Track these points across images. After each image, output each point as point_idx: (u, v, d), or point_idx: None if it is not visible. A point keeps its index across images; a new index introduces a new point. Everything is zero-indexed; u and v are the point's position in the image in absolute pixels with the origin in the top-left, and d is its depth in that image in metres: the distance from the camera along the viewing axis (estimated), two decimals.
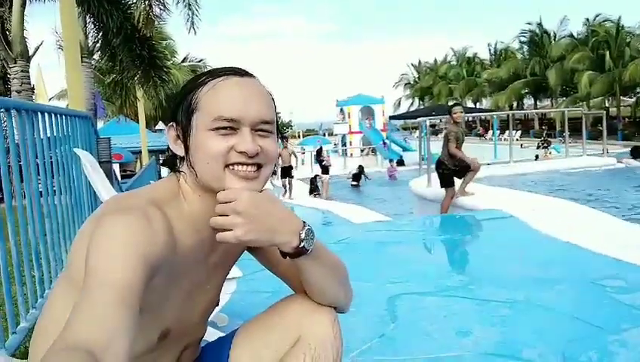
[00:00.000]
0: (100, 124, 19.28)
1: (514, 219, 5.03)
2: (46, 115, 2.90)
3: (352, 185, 17.10)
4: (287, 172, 13.53)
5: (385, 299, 2.89)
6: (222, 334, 1.32)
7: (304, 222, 1.03)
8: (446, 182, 6.65)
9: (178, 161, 1.05)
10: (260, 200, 0.97)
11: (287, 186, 13.40)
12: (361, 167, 17.82)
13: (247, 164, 0.98)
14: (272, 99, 1.05)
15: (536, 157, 16.34)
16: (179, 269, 0.99)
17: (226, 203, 0.96)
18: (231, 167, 0.98)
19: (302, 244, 1.00)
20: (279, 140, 1.07)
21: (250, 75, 1.04)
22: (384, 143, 28.66)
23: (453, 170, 6.60)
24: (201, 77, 1.03)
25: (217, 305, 1.20)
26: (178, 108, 1.02)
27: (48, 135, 2.90)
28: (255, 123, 0.99)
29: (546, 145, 22.98)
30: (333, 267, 1.12)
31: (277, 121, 1.06)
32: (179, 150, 1.02)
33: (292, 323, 1.12)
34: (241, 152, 0.97)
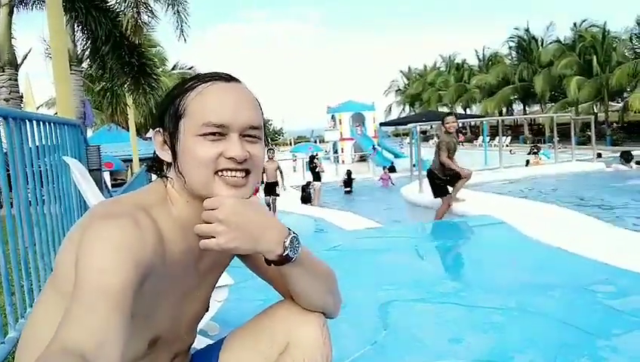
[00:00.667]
0: (89, 132, 19.19)
1: (504, 225, 5.04)
2: (34, 122, 2.88)
3: (345, 191, 17.02)
4: (271, 189, 11.79)
5: (377, 306, 2.89)
6: (211, 342, 1.31)
7: (289, 230, 1.02)
8: (440, 192, 6.69)
9: (165, 166, 1.04)
10: (242, 208, 0.96)
11: (272, 205, 11.65)
12: (349, 172, 17.76)
13: (236, 170, 0.98)
14: (259, 104, 1.05)
15: (527, 162, 16.45)
16: (168, 274, 0.98)
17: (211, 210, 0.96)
18: (220, 173, 0.98)
19: (286, 253, 1.00)
20: (265, 152, 1.06)
21: (237, 80, 1.04)
22: (374, 148, 28.73)
23: (444, 179, 6.62)
24: (188, 82, 1.02)
25: (207, 310, 1.19)
26: (165, 114, 1.01)
27: (37, 143, 2.88)
28: (243, 128, 0.99)
29: (535, 150, 23.15)
30: (320, 274, 1.12)
31: (264, 127, 1.06)
32: (166, 156, 1.02)
33: (281, 329, 1.12)
34: (229, 158, 0.97)
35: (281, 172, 12.17)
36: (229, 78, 1.03)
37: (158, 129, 1.03)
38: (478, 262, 4.05)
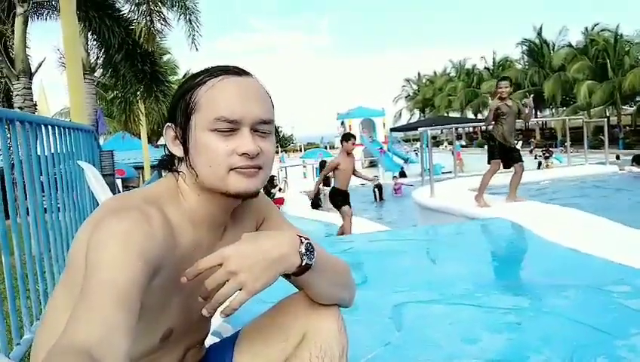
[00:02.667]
0: (101, 140, 19.33)
1: (517, 227, 5.01)
2: (50, 127, 2.92)
3: (375, 200, 15.28)
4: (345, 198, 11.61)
5: (390, 307, 2.88)
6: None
7: (300, 237, 1.01)
8: (490, 155, 6.59)
9: (176, 161, 1.05)
10: (246, 245, 0.94)
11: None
12: (377, 182, 15.41)
13: (249, 167, 0.98)
14: (270, 98, 1.05)
15: (539, 164, 16.31)
16: (179, 268, 0.98)
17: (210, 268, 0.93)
18: (233, 169, 0.98)
19: (304, 262, 0.99)
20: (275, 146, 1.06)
21: (248, 74, 1.04)
22: (381, 150, 28.70)
23: (500, 144, 6.46)
24: (198, 76, 1.02)
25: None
26: (176, 108, 1.01)
27: (52, 148, 2.92)
28: (255, 123, 0.99)
29: (547, 155, 22.97)
30: (337, 272, 1.12)
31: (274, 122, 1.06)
32: (177, 150, 1.02)
33: (296, 321, 1.11)
34: (242, 154, 0.97)
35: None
36: (240, 72, 1.02)
37: (169, 124, 1.03)
38: (491, 263, 4.03)
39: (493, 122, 6.49)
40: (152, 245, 0.88)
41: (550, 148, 25.01)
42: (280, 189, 16.91)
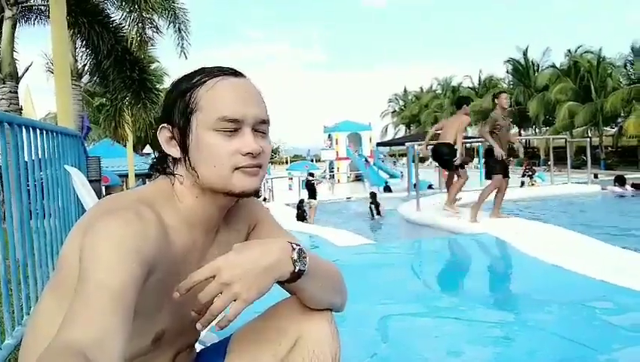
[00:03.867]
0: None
1: (501, 242, 5.06)
2: (37, 130, 2.90)
3: (372, 217, 13.67)
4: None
5: (376, 320, 2.88)
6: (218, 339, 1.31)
7: (291, 243, 1.01)
8: (491, 170, 6.48)
9: (171, 163, 1.04)
10: (236, 255, 0.94)
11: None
12: (373, 194, 14.29)
13: (252, 166, 1.00)
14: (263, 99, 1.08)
15: (522, 183, 16.48)
16: (172, 270, 0.98)
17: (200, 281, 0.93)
18: (237, 169, 0.99)
19: (297, 268, 0.99)
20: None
21: (244, 76, 1.05)
22: (366, 161, 28.84)
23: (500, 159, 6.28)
24: (196, 75, 1.02)
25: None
26: (173, 109, 1.01)
27: (39, 151, 2.89)
28: (255, 123, 1.01)
29: (530, 173, 23.21)
30: (329, 277, 1.12)
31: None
32: (174, 151, 1.02)
33: (289, 326, 1.11)
34: (246, 154, 0.98)
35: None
36: (237, 73, 1.04)
37: (164, 124, 1.02)
38: (476, 278, 4.05)
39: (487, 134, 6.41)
40: (146, 246, 0.87)
41: (533, 167, 25.30)
42: (265, 199, 16.79)
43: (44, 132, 3.05)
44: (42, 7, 11.54)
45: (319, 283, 1.07)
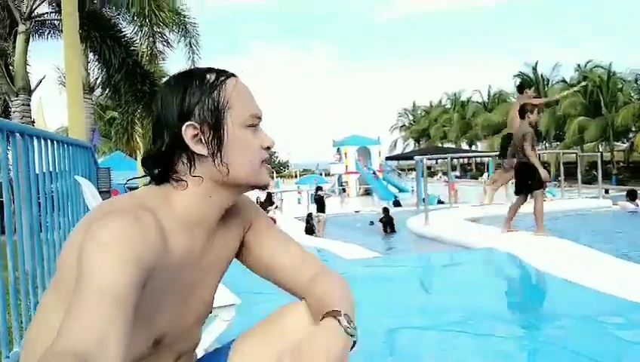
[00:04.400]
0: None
1: (511, 257, 5.02)
2: (49, 141, 2.93)
3: (385, 231, 12.49)
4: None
5: (384, 333, 2.86)
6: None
7: (334, 317, 1.03)
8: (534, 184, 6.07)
9: (184, 165, 1.00)
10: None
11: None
12: (386, 210, 13.00)
13: (268, 159, 1.07)
14: None
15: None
16: (171, 272, 0.97)
17: None
18: (263, 163, 1.05)
19: (355, 337, 1.04)
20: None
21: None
22: (374, 174, 28.79)
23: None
24: (210, 74, 1.03)
25: (211, 312, 1.18)
26: (194, 107, 1.00)
27: (51, 162, 2.92)
28: (260, 121, 1.07)
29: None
30: (350, 302, 1.12)
31: None
32: (201, 149, 1.00)
33: (294, 332, 1.10)
34: (267, 148, 1.05)
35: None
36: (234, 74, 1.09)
37: (190, 122, 0.99)
38: (485, 291, 4.01)
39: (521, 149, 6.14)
40: (145, 249, 0.86)
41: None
42: (277, 207, 16.70)
43: (55, 143, 3.08)
44: (55, 22, 11.73)
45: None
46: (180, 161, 1.01)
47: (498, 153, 8.50)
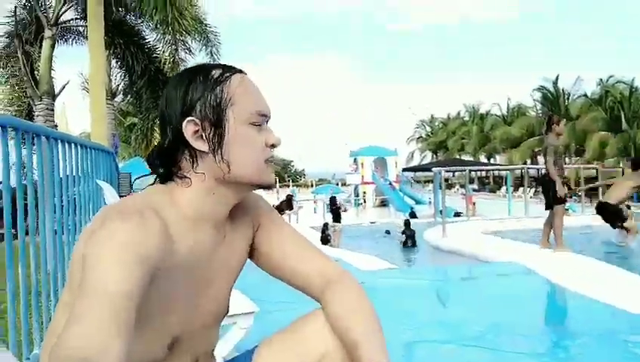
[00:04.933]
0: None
1: (530, 272, 4.95)
2: (72, 145, 2.97)
3: (403, 244, 11.62)
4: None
5: (401, 346, 2.83)
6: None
7: None
8: (556, 200, 5.91)
9: (188, 160, 1.00)
10: None
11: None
12: (407, 222, 12.17)
13: (274, 158, 1.05)
14: None
15: None
16: (180, 271, 0.96)
17: None
18: (267, 161, 1.03)
19: None
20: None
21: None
22: (391, 185, 28.66)
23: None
24: (215, 70, 1.02)
25: (227, 312, 1.16)
26: (197, 102, 0.98)
27: (74, 165, 2.96)
28: (269, 118, 1.05)
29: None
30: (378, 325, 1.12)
31: None
32: (201, 145, 0.99)
33: (315, 341, 1.09)
34: (272, 146, 1.03)
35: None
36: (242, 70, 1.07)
37: (190, 118, 0.98)
38: (504, 306, 3.95)
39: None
40: (148, 252, 0.85)
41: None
42: (295, 212, 16.57)
43: (79, 146, 3.12)
44: (80, 28, 11.95)
45: None
46: (183, 158, 1.00)
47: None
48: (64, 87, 11.67)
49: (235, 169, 0.99)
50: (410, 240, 11.75)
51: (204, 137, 0.99)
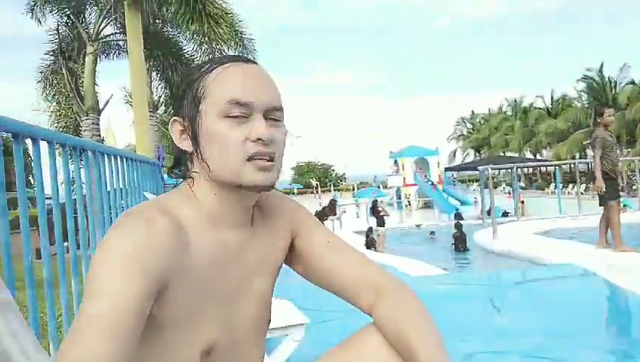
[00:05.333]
0: None
1: (589, 273, 4.70)
2: (119, 158, 2.97)
3: (455, 249, 11.23)
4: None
5: (460, 358, 2.69)
6: None
7: None
8: (609, 196, 5.63)
9: (189, 162, 0.97)
10: None
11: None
12: (459, 225, 11.65)
13: (264, 154, 0.91)
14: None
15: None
16: (203, 274, 0.90)
17: None
18: (249, 159, 0.90)
19: None
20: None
21: (255, 63, 0.98)
22: (433, 185, 28.22)
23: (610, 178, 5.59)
24: (204, 65, 0.97)
25: (270, 320, 1.09)
26: (182, 100, 0.95)
27: (120, 178, 2.97)
28: (267, 109, 0.93)
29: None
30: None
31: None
32: (186, 145, 0.94)
33: (371, 355, 1.00)
34: (256, 140, 0.90)
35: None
36: (247, 60, 0.97)
37: (175, 117, 0.96)
38: (565, 312, 3.74)
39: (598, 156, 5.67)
40: (153, 260, 0.81)
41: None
42: (338, 218, 16.38)
43: (125, 159, 3.13)
44: (120, 43, 12.23)
45: None
46: (187, 159, 0.97)
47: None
48: (108, 102, 11.96)
49: (213, 169, 0.92)
50: (461, 243, 11.46)
51: (188, 136, 0.95)
